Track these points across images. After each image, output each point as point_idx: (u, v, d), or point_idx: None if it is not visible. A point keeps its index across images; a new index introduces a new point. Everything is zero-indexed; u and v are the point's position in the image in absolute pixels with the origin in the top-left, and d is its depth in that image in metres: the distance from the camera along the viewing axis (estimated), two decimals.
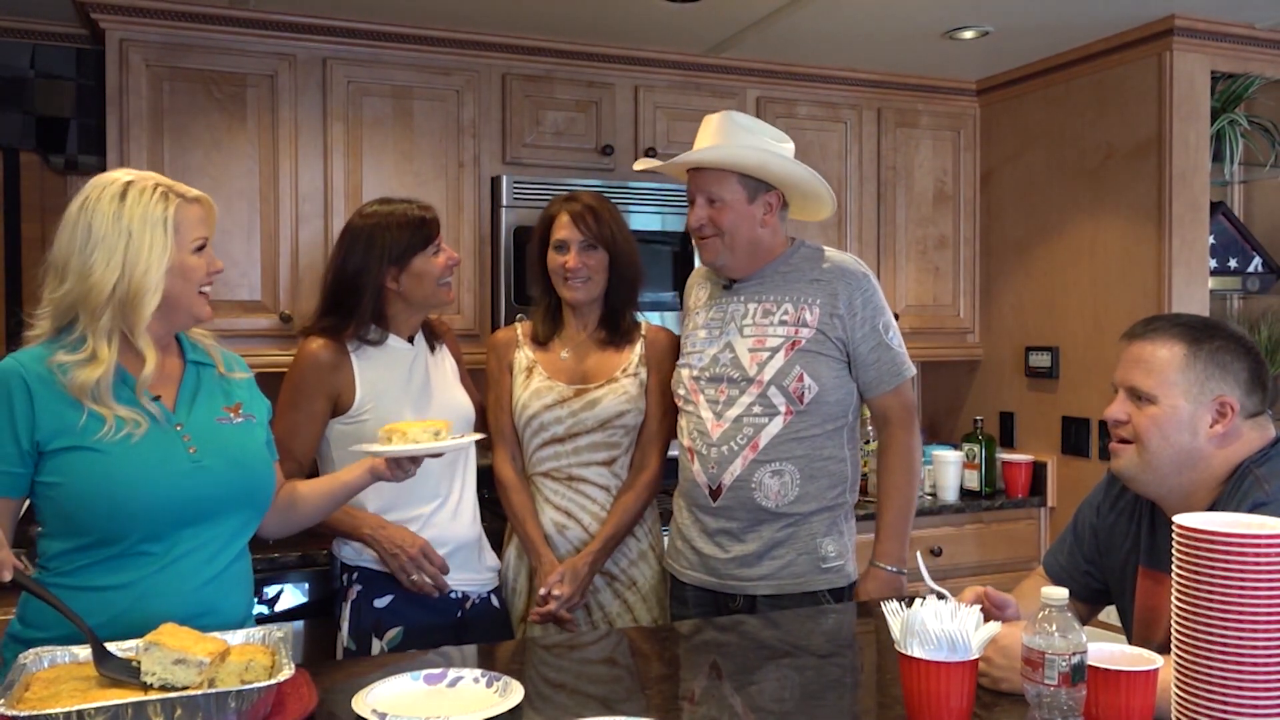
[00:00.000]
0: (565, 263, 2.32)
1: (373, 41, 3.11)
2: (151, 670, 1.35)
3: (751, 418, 2.17)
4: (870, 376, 2.21)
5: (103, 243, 1.57)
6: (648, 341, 2.42)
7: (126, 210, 1.58)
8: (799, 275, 2.23)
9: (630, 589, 2.37)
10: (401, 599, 2.18)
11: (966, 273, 3.95)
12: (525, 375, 2.38)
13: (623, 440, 2.37)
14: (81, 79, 3.18)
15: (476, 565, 2.29)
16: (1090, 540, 1.83)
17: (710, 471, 2.20)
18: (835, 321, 2.17)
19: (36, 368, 1.58)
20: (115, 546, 1.58)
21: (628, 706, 1.47)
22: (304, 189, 3.05)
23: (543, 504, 2.36)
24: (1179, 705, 1.18)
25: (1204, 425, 1.59)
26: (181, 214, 1.63)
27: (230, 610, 1.68)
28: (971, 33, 3.29)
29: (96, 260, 1.57)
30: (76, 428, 1.56)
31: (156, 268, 1.58)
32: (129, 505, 1.56)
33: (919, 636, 1.36)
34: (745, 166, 2.18)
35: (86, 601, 1.53)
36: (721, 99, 3.51)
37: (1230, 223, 3.45)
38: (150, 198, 1.60)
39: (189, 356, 1.74)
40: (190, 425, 1.66)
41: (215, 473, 1.64)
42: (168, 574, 1.61)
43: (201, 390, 1.72)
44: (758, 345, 2.19)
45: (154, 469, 1.58)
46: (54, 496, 1.57)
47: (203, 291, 1.69)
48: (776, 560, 2.18)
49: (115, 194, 1.60)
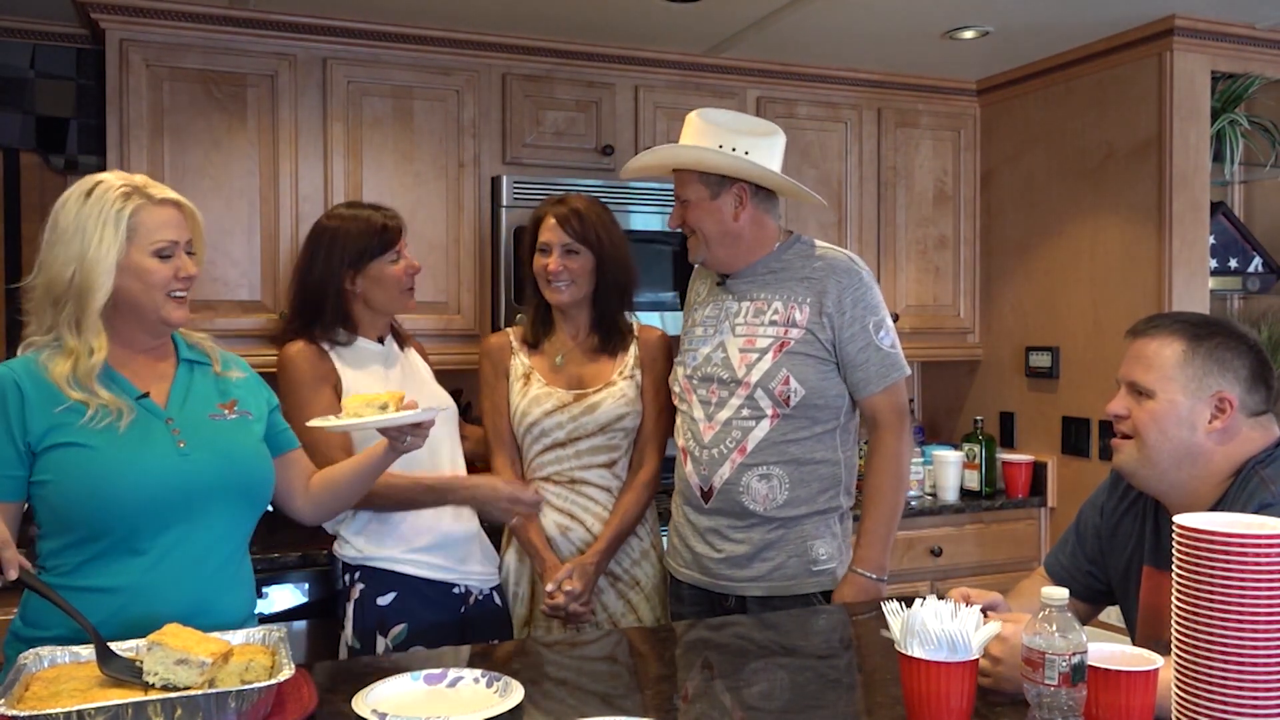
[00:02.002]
0: (547, 265, 2.33)
1: (373, 41, 3.11)
2: (154, 670, 1.35)
3: (740, 420, 2.17)
4: (858, 377, 2.17)
5: (62, 237, 1.62)
6: (641, 342, 2.43)
7: (86, 208, 1.62)
8: (790, 273, 2.22)
9: (634, 588, 2.38)
10: (405, 595, 2.19)
11: (966, 273, 3.95)
12: (523, 382, 2.39)
13: (622, 442, 2.38)
14: (81, 79, 3.18)
15: (478, 561, 2.31)
16: (1093, 541, 1.83)
17: (702, 473, 2.21)
18: (824, 320, 2.16)
19: (27, 369, 1.62)
20: (103, 541, 1.59)
21: (626, 705, 1.47)
22: (304, 189, 3.05)
23: (545, 507, 2.36)
24: (1179, 705, 1.18)
25: (1202, 421, 1.59)
26: (143, 215, 1.64)
27: (229, 609, 1.68)
28: (971, 33, 3.29)
29: (56, 253, 1.62)
30: (63, 422, 1.59)
31: (103, 263, 1.60)
32: (113, 496, 1.57)
33: (919, 636, 1.35)
34: (682, 163, 2.21)
35: (83, 602, 1.54)
36: (721, 99, 3.51)
37: (1230, 223, 3.45)
38: (110, 196, 1.63)
39: (182, 355, 1.76)
40: (180, 420, 1.68)
41: (202, 465, 1.65)
42: (160, 572, 1.61)
43: (194, 388, 1.74)
44: (748, 345, 2.19)
45: (139, 460, 1.60)
46: (45, 495, 1.60)
47: (175, 296, 1.68)
48: (767, 562, 2.17)
49: (82, 193, 1.64)
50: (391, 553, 2.20)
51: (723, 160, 2.15)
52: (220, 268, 2.93)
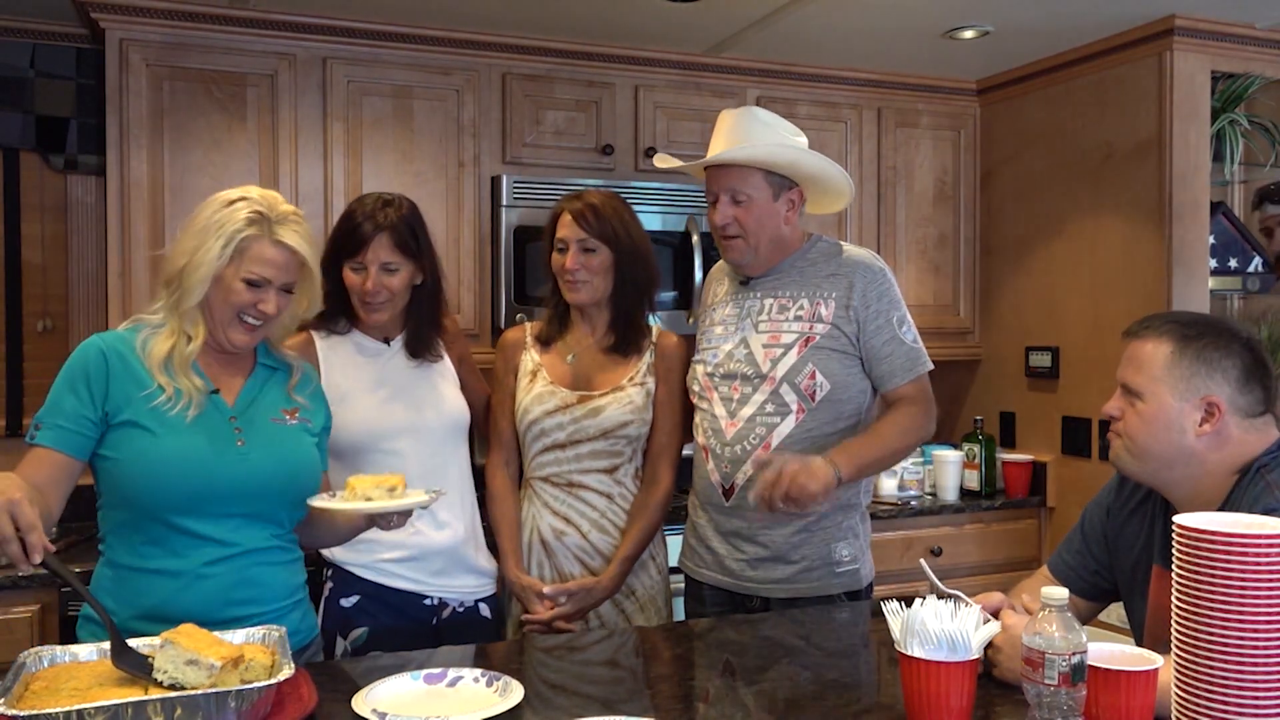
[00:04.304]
0: (564, 263, 2.26)
1: (372, 41, 3.11)
2: (164, 668, 1.35)
3: (764, 416, 2.15)
4: (883, 370, 2.17)
5: (190, 230, 1.74)
6: (659, 350, 2.35)
7: (219, 215, 1.73)
8: (816, 270, 2.21)
9: (628, 598, 2.31)
10: (368, 599, 2.13)
11: (966, 272, 3.95)
12: (529, 379, 2.32)
13: (625, 449, 2.30)
14: (81, 79, 3.18)
15: (460, 573, 2.22)
16: (1099, 540, 1.82)
17: (724, 471, 2.18)
18: (849, 314, 2.16)
19: (118, 344, 1.72)
20: (158, 525, 1.67)
21: (629, 707, 1.47)
22: (304, 189, 3.05)
23: (541, 509, 2.30)
24: (1179, 705, 1.18)
25: (1192, 424, 1.57)
26: (253, 244, 1.72)
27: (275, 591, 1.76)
28: (971, 33, 3.29)
29: (181, 242, 1.74)
30: (140, 401, 1.68)
31: (204, 268, 1.70)
32: (166, 482, 1.65)
33: (919, 636, 1.35)
34: (777, 165, 2.17)
35: (143, 583, 1.66)
36: (721, 99, 3.51)
37: (1230, 223, 3.45)
38: (239, 216, 1.72)
39: (261, 360, 1.84)
40: (244, 419, 1.76)
41: (257, 465, 1.72)
42: (213, 560, 1.68)
43: (265, 392, 1.82)
44: (772, 341, 2.18)
45: (196, 451, 1.67)
46: (107, 469, 1.69)
47: (245, 320, 1.74)
48: (792, 565, 2.16)
49: (226, 200, 1.75)
50: (363, 558, 2.14)
51: (822, 164, 2.17)
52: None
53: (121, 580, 1.68)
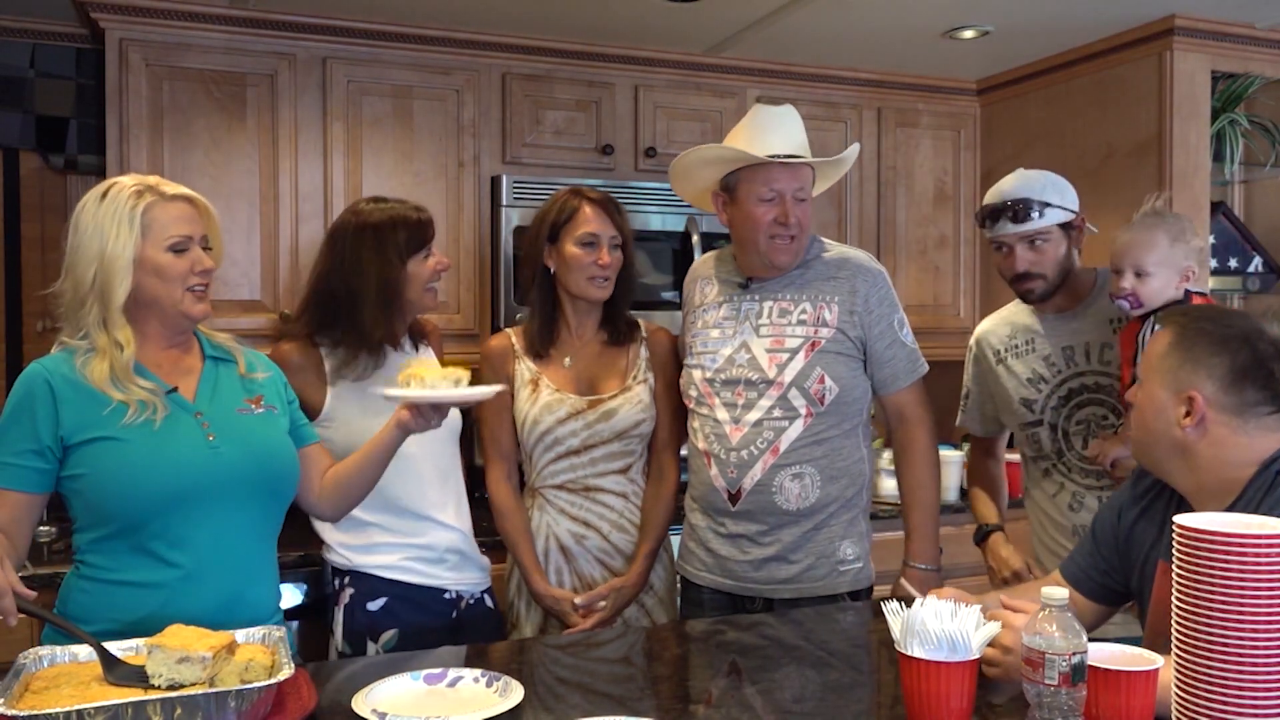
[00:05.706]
0: (597, 259, 2.21)
1: (372, 41, 3.11)
2: (157, 672, 1.35)
3: (772, 421, 2.14)
4: (886, 373, 2.20)
5: (82, 239, 1.67)
6: (650, 343, 2.36)
7: (102, 208, 1.66)
8: (816, 273, 2.21)
9: (647, 593, 2.33)
10: (395, 600, 2.15)
11: (966, 272, 3.95)
12: (530, 389, 2.28)
13: (637, 447, 2.32)
14: (81, 79, 3.18)
15: (467, 566, 2.25)
16: (1110, 542, 1.81)
17: (729, 476, 2.17)
18: (854, 319, 2.16)
19: (61, 369, 1.66)
20: (138, 534, 1.63)
21: (633, 707, 1.47)
22: (304, 189, 3.05)
23: (557, 515, 2.28)
24: (1179, 705, 1.18)
25: (1176, 416, 1.57)
26: (155, 211, 1.67)
27: (259, 602, 1.73)
28: (971, 33, 3.29)
29: (79, 256, 1.67)
30: (101, 419, 1.62)
31: (120, 259, 1.64)
32: (145, 487, 1.61)
33: (919, 636, 1.35)
34: (841, 172, 2.31)
35: (126, 598, 1.62)
36: (721, 99, 3.52)
37: (1230, 223, 3.45)
38: (123, 195, 1.67)
39: (208, 353, 1.81)
40: (210, 414, 1.72)
41: (232, 458, 1.69)
42: (195, 567, 1.65)
43: (221, 384, 1.78)
44: (776, 345, 2.16)
45: (170, 452, 1.64)
46: (79, 489, 1.64)
47: (194, 290, 1.71)
48: (796, 564, 2.16)
49: (98, 195, 1.68)
50: (380, 559, 2.16)
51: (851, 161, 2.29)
52: (220, 267, 2.92)
53: (105, 594, 1.64)
